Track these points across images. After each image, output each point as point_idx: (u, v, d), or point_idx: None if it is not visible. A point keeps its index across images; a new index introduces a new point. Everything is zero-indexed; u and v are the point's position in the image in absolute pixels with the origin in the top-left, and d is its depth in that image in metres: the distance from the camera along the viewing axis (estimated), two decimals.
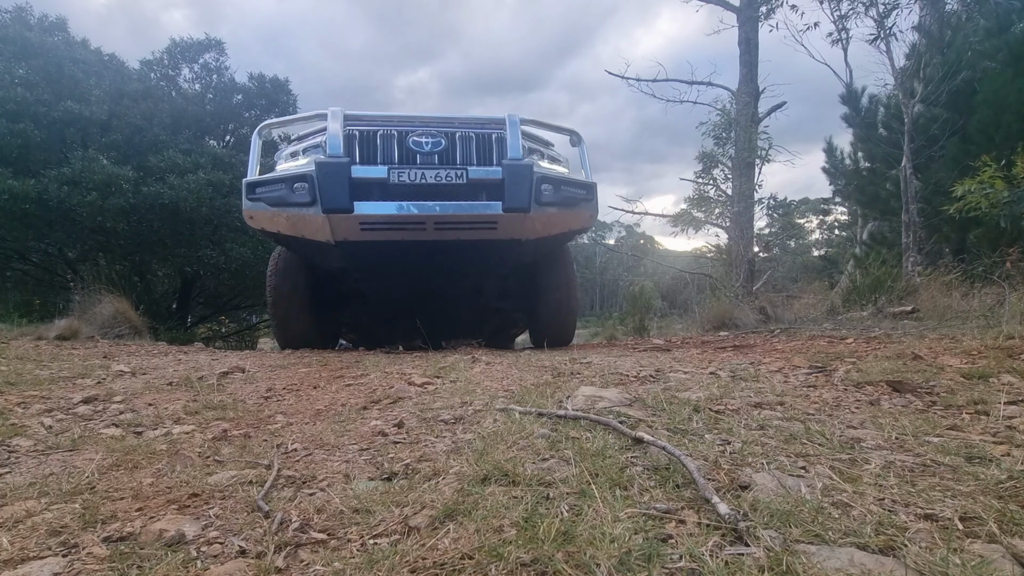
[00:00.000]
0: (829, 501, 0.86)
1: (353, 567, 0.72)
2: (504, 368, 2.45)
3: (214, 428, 1.57)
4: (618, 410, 1.46)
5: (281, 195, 3.36)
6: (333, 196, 3.19)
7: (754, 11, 9.74)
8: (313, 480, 1.08)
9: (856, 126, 9.77)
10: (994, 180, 5.23)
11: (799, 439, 1.20)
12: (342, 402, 1.87)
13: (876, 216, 9.81)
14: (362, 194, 3.27)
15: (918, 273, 6.65)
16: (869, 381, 1.85)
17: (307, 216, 3.31)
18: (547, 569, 0.68)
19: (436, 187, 3.33)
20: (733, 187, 10.14)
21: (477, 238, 3.53)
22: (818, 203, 25.00)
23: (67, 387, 2.14)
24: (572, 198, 3.69)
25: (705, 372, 2.20)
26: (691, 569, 0.67)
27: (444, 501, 0.90)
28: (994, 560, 0.68)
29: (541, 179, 3.46)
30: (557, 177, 3.66)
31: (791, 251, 21.88)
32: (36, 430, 1.54)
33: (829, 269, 15.88)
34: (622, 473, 0.99)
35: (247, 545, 0.80)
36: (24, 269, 10.12)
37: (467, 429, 1.38)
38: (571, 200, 3.69)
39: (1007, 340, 2.45)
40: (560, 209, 3.65)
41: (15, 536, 0.86)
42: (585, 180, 3.89)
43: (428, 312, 4.51)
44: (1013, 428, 1.26)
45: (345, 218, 3.25)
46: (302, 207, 3.29)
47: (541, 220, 3.55)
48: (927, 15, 8.87)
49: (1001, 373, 1.83)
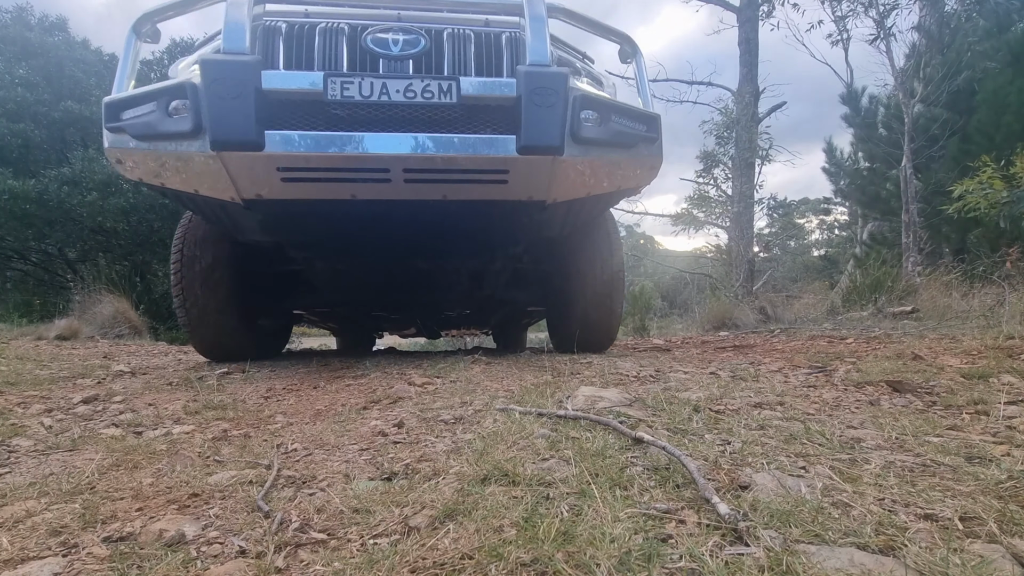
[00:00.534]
0: (829, 501, 0.86)
1: (353, 567, 0.72)
2: (504, 368, 2.45)
3: (214, 428, 1.58)
4: (618, 410, 1.46)
5: (150, 121, 2.06)
6: (227, 120, 1.95)
7: (754, 11, 9.74)
8: (313, 480, 1.08)
9: (856, 126, 9.78)
10: (993, 180, 5.23)
11: (799, 439, 1.20)
12: (342, 402, 1.87)
13: (876, 216, 9.81)
14: (280, 119, 2.03)
15: (918, 273, 6.65)
16: (869, 381, 1.85)
17: (190, 156, 2.05)
18: (547, 569, 0.68)
19: (408, 111, 2.08)
20: (733, 187, 10.14)
21: (476, 197, 2.31)
22: (818, 203, 24.99)
23: (67, 387, 2.14)
24: (627, 136, 2.33)
25: (705, 372, 2.20)
26: (691, 569, 0.67)
27: (444, 501, 0.90)
28: (994, 560, 0.68)
29: (582, 101, 2.18)
30: (606, 101, 2.35)
31: (791, 251, 21.89)
32: (36, 430, 1.54)
33: (829, 269, 15.89)
34: (622, 473, 0.99)
35: (247, 545, 0.80)
36: (24, 269, 10.13)
37: (467, 429, 1.38)
38: (626, 139, 2.33)
39: (1007, 340, 2.45)
40: (609, 152, 2.32)
41: (15, 536, 0.86)
42: (645, 110, 2.48)
43: (409, 305, 3.55)
44: (1013, 428, 1.26)
45: (251, 160, 2.01)
46: (181, 140, 2.04)
47: (579, 169, 2.27)
48: (927, 15, 8.87)
49: (1001, 373, 1.83)
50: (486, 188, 2.27)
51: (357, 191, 2.22)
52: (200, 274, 2.79)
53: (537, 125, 2.08)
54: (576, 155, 2.20)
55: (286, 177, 2.12)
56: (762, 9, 9.78)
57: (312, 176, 2.14)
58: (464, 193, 2.28)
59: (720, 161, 10.63)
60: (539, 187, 2.29)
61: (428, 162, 2.10)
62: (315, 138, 2.02)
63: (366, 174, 2.14)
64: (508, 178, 2.22)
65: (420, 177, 2.17)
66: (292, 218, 2.42)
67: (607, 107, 2.30)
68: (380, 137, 2.05)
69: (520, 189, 2.29)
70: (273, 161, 2.04)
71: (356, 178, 2.16)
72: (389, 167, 2.10)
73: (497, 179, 2.22)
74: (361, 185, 2.19)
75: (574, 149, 2.18)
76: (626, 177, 2.50)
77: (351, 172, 2.13)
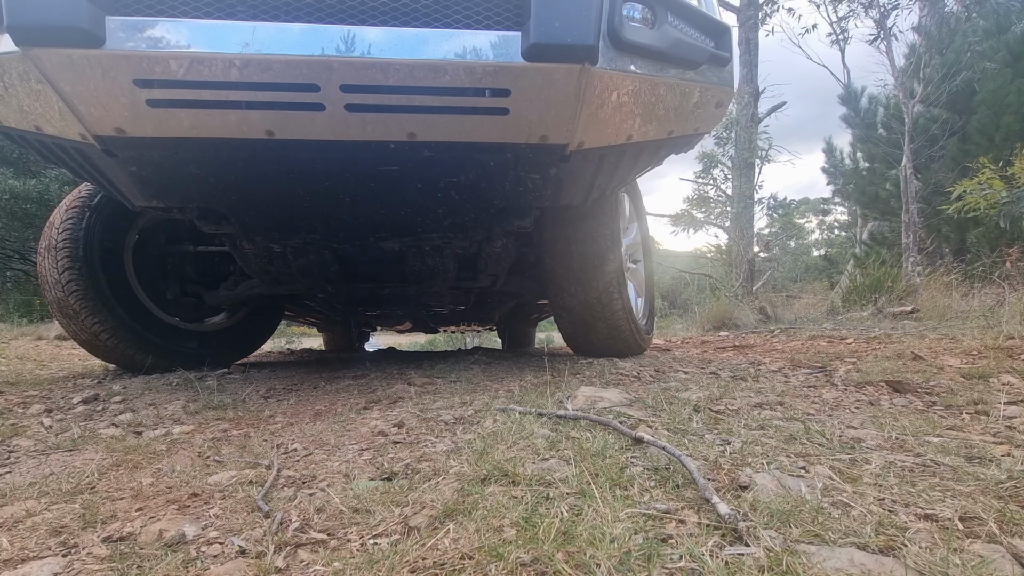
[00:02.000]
0: (829, 501, 0.86)
1: (353, 567, 0.72)
2: (504, 368, 2.45)
3: (214, 428, 1.58)
4: (618, 410, 1.46)
5: None
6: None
7: (754, 11, 9.76)
8: (313, 480, 1.08)
9: (856, 126, 9.79)
10: (992, 181, 5.24)
11: (799, 439, 1.20)
12: (342, 402, 1.88)
13: (876, 216, 9.82)
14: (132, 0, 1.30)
15: (918, 273, 6.66)
16: (869, 381, 1.85)
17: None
18: (547, 569, 0.68)
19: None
20: (733, 187, 10.15)
21: (461, 139, 1.55)
22: (818, 203, 25.02)
23: (67, 387, 2.14)
24: (691, 49, 1.59)
25: (705, 372, 2.20)
26: (691, 569, 0.67)
27: (444, 501, 0.90)
28: (994, 560, 0.68)
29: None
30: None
31: (791, 251, 21.89)
32: (36, 430, 1.54)
33: (829, 269, 15.89)
34: (622, 473, 0.99)
35: (247, 545, 0.80)
36: (24, 269, 10.14)
37: (467, 429, 1.38)
38: (689, 52, 1.59)
39: (1007, 340, 2.45)
40: (665, 70, 1.58)
41: (15, 536, 0.86)
42: (712, 16, 1.70)
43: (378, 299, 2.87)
44: (1013, 428, 1.26)
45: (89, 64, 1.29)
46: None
47: (620, 91, 1.52)
48: (927, 16, 8.88)
49: (1001, 373, 1.83)
50: (475, 122, 1.49)
51: (275, 125, 1.43)
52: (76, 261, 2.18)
53: (556, 13, 1.32)
54: (616, 68, 1.45)
55: (155, 99, 1.36)
56: (759, 15, 9.80)
57: (196, 98, 1.36)
58: (441, 130, 1.50)
59: (719, 162, 10.64)
60: (558, 121, 1.49)
61: (379, 73, 1.33)
62: (193, 31, 1.28)
63: (284, 94, 1.36)
64: (509, 104, 1.43)
65: (369, 101, 1.39)
66: (180, 172, 1.60)
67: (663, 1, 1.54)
68: (299, 32, 1.30)
69: (528, 124, 1.49)
70: (127, 68, 1.29)
71: (270, 102, 1.38)
72: (318, 81, 1.33)
73: (492, 105, 1.45)
74: (280, 115, 1.41)
75: (613, 57, 1.44)
76: (686, 114, 1.72)
77: (260, 91, 1.35)
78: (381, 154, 1.57)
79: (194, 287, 2.64)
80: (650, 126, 1.70)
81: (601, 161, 1.77)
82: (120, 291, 2.33)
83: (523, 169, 1.70)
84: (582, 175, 1.81)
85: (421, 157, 1.60)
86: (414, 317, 3.05)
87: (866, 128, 9.51)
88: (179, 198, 1.75)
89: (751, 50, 9.80)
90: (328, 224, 1.92)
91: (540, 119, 1.50)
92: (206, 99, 1.38)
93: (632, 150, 1.78)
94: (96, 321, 2.25)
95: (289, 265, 2.14)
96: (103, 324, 2.26)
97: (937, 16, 8.78)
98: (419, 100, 1.42)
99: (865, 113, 9.62)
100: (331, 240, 2.03)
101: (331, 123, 1.45)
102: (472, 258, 2.30)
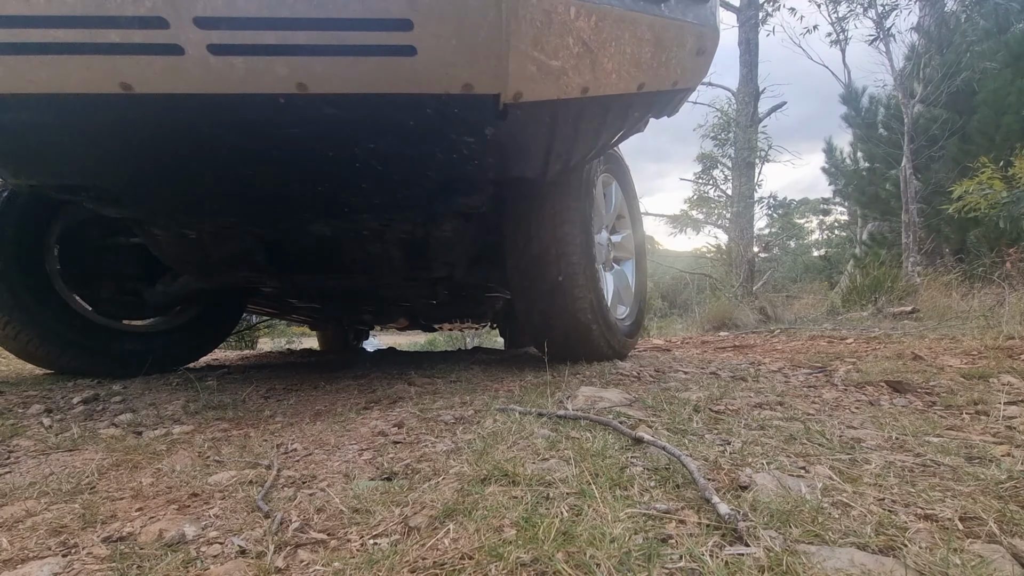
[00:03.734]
0: (829, 501, 0.86)
1: (353, 567, 0.72)
2: (504, 368, 2.45)
3: (214, 428, 1.58)
4: (618, 410, 1.46)
5: None
6: None
7: (754, 11, 9.76)
8: (313, 480, 1.08)
9: (856, 126, 9.79)
10: (992, 181, 5.24)
11: (799, 439, 1.20)
12: (342, 402, 1.88)
13: (876, 216, 9.82)
14: None
15: (918, 273, 6.66)
16: (869, 381, 1.85)
17: None
18: (547, 569, 0.68)
19: None
20: (733, 187, 10.16)
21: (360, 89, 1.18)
22: (818, 203, 25.00)
23: (67, 387, 2.14)
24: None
25: (705, 372, 2.20)
26: (691, 569, 0.67)
27: (444, 501, 0.90)
28: (994, 560, 0.68)
29: None
30: None
31: (791, 251, 21.88)
32: (36, 430, 1.54)
33: (829, 269, 15.88)
34: (622, 473, 0.99)
35: (247, 545, 0.80)
36: None
37: (467, 429, 1.38)
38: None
39: (1007, 340, 2.45)
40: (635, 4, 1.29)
41: (15, 536, 0.86)
42: None
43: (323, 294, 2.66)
44: (1013, 428, 1.26)
45: None
46: None
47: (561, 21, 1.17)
48: (926, 16, 8.88)
49: (1001, 373, 1.83)
50: (375, 66, 1.16)
51: (130, 76, 1.15)
52: None
53: None
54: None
55: None
56: (760, 15, 9.80)
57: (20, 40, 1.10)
58: (337, 80, 1.17)
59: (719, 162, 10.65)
60: (481, 62, 1.16)
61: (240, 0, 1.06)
62: None
63: (128, 32, 1.09)
64: (414, 40, 1.11)
65: (236, 40, 1.11)
66: (37, 140, 1.36)
67: None
68: None
69: (443, 67, 1.16)
70: None
71: (114, 44, 1.10)
72: (163, 14, 1.06)
73: (393, 43, 1.12)
74: (132, 62, 1.13)
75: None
76: (657, 62, 1.43)
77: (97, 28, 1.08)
78: (273, 113, 1.25)
79: (133, 284, 2.38)
80: (609, 76, 1.36)
81: (554, 121, 1.44)
82: (42, 293, 2.10)
83: (452, 130, 1.36)
84: (533, 140, 1.50)
85: (323, 116, 1.27)
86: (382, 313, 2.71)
87: (867, 128, 9.51)
88: (49, 173, 1.49)
89: (751, 50, 9.81)
90: (236, 204, 1.66)
91: (456, 60, 1.16)
92: (33, 41, 1.10)
93: (593, 107, 1.45)
94: (18, 329, 2.03)
95: (209, 254, 1.93)
96: (28, 332, 2.04)
97: (937, 16, 8.78)
98: (301, 38, 1.11)
99: (866, 113, 9.62)
100: (249, 224, 1.80)
101: (198, 71, 1.14)
102: (420, 244, 2.02)
